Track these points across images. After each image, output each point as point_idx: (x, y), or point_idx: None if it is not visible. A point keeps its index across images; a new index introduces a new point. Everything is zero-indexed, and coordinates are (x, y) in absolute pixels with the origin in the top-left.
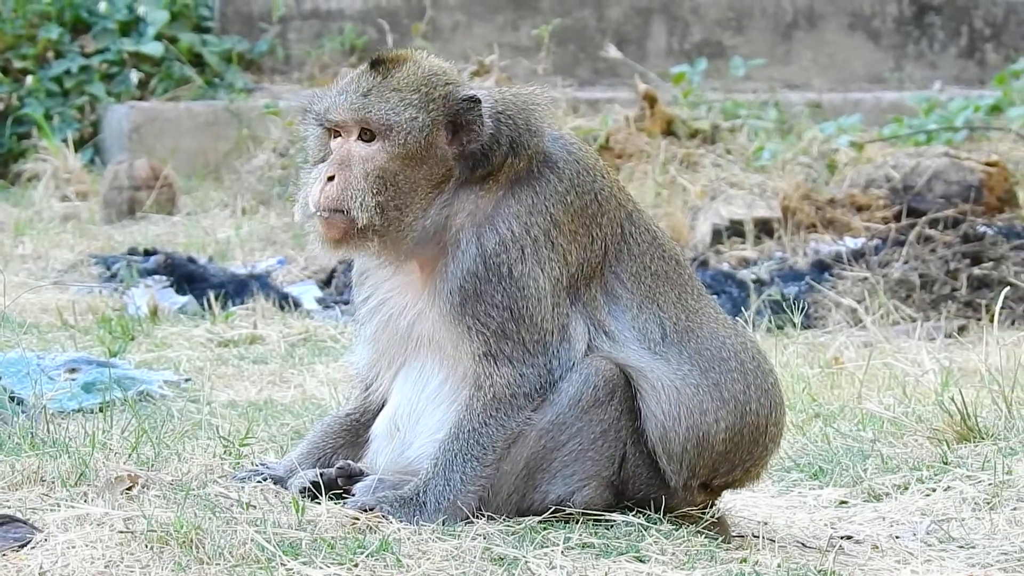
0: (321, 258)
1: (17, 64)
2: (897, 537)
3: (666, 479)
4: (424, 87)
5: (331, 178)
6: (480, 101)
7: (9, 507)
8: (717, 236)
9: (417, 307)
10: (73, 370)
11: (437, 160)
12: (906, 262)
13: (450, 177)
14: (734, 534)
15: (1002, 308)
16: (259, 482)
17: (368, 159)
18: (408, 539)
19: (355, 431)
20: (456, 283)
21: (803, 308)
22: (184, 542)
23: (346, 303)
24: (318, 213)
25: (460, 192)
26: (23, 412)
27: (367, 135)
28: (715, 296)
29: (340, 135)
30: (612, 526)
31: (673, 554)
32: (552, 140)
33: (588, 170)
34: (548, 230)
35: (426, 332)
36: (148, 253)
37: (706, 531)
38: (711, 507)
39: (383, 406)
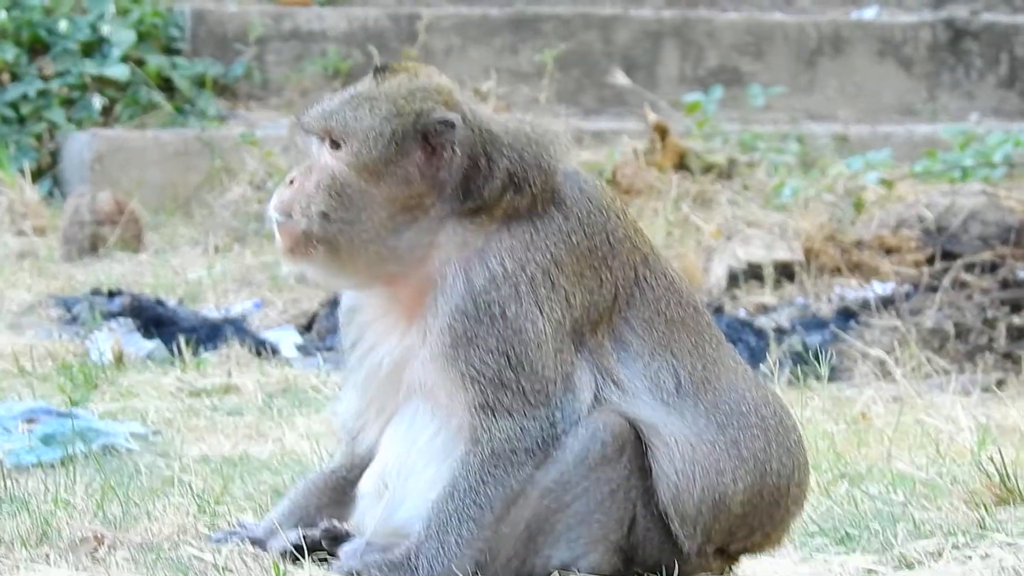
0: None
1: None
2: None
3: (679, 544)
4: (402, 100)
5: (292, 182)
6: (453, 126)
7: None
8: (733, 280)
9: (405, 344)
10: (31, 420)
11: (400, 179)
12: (940, 310)
13: (425, 202)
14: None
15: None
16: (236, 544)
17: (325, 168)
18: None
19: (341, 489)
20: (446, 320)
21: (828, 359)
22: None
23: (329, 350)
24: (272, 214)
25: (447, 222)
26: None
27: (334, 143)
28: (731, 345)
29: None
30: None
31: None
32: (564, 177)
33: (601, 210)
34: (547, 269)
35: (417, 377)
36: (112, 294)
37: None
38: (728, 574)
39: (371, 461)
